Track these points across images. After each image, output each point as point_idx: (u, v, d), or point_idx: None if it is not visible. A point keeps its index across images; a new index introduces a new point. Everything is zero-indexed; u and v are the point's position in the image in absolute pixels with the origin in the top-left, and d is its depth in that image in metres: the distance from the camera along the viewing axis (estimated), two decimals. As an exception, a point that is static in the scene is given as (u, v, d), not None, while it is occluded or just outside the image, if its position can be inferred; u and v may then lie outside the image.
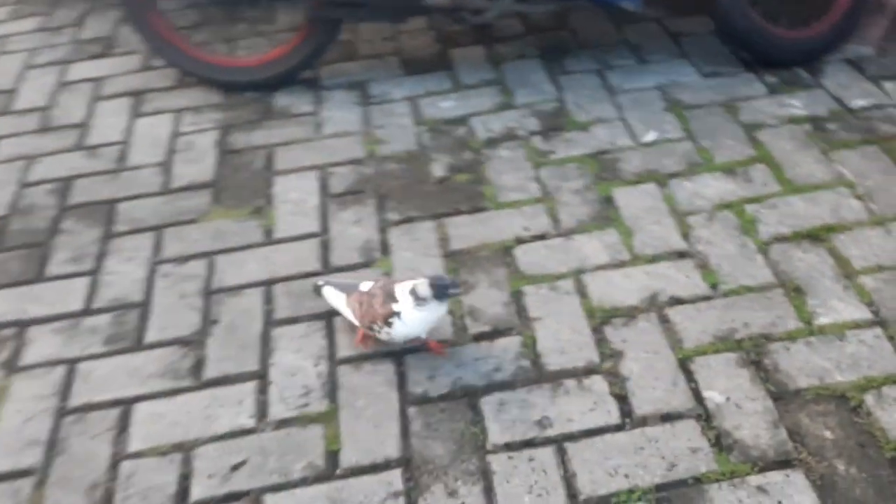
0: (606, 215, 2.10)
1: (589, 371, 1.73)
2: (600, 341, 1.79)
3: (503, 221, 2.11)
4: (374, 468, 1.59)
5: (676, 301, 1.86)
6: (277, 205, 2.23)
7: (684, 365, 1.72)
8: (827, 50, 2.50)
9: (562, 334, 1.81)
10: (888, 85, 2.40)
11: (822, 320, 1.78)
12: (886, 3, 2.69)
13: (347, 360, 1.80)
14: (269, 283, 2.00)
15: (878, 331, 1.74)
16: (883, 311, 1.78)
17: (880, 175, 2.11)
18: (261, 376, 1.78)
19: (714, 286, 1.88)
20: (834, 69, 2.48)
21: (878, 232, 1.96)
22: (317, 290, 1.86)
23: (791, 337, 1.75)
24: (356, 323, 1.77)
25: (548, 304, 1.88)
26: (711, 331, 1.78)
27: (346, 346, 1.82)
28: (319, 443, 1.64)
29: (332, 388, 1.74)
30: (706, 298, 1.86)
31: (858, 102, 2.35)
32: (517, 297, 1.91)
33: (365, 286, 1.78)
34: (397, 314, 1.68)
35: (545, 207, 2.14)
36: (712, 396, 1.66)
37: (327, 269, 2.02)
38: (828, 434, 1.57)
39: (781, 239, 1.97)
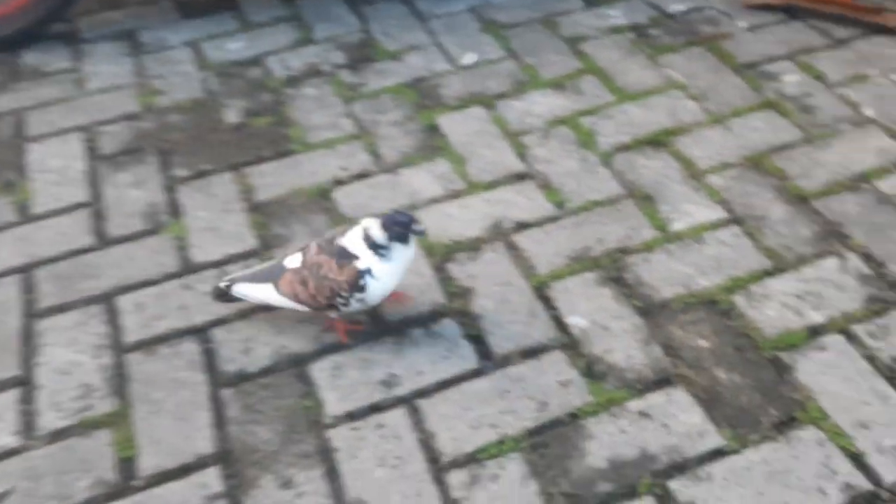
0: (433, 144, 1.85)
1: (436, 315, 1.47)
2: (445, 280, 1.53)
3: (316, 164, 1.81)
4: (183, 471, 1.25)
5: (522, 226, 1.64)
6: (33, 176, 1.80)
7: (541, 292, 1.51)
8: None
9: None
10: (702, -10, 2.31)
11: (678, 225, 1.62)
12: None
13: (137, 346, 1.43)
14: (28, 269, 1.58)
15: (736, 228, 1.61)
16: (736, 208, 1.65)
17: (710, 74, 2.00)
18: (24, 382, 1.38)
19: (560, 205, 1.68)
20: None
21: (717, 130, 1.84)
22: (221, 295, 1.42)
23: (648, 247, 1.58)
24: (306, 308, 1.39)
25: (378, 248, 1.60)
26: (565, 252, 1.58)
27: (134, 329, 1.45)
28: (108, 451, 1.28)
29: (119, 383, 1.37)
30: (554, 219, 1.65)
31: (677, 7, 2.24)
32: (342, 244, 1.61)
33: (292, 261, 1.38)
34: (366, 272, 1.32)
35: (363, 144, 1.86)
36: (576, 322, 1.45)
37: (104, 241, 1.63)
38: (703, 343, 1.41)
39: (622, 148, 1.80)
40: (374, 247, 1.32)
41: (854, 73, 1.95)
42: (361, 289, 1.33)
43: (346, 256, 1.33)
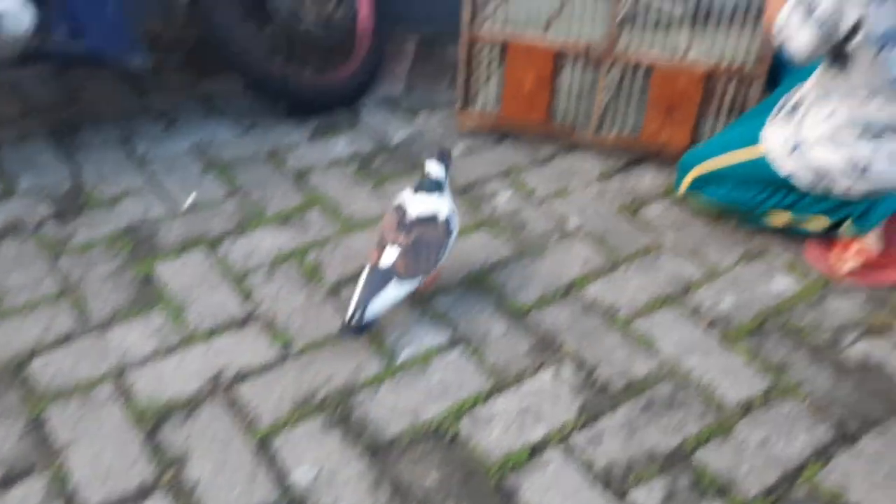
0: (149, 296, 1.74)
1: (144, 492, 1.33)
2: (156, 449, 1.41)
3: (10, 332, 1.63)
4: None
5: (244, 375, 1.56)
6: None
7: (264, 447, 1.42)
8: (358, 91, 2.47)
9: (104, 455, 1.39)
10: (420, 117, 2.42)
11: (405, 354, 1.62)
12: (407, 45, 2.78)
13: None
14: None
15: (461, 349, 1.63)
16: (460, 327, 1.68)
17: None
18: None
19: (286, 345, 1.63)
20: (371, 110, 2.45)
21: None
22: (359, 329, 1.56)
23: (377, 381, 1.56)
24: (420, 281, 1.62)
25: (81, 423, 1.45)
26: (290, 398, 1.52)
27: None
28: None
29: None
30: (279, 363, 1.59)
31: (398, 137, 2.33)
32: (37, 424, 1.44)
33: (389, 255, 1.59)
34: (449, 212, 1.66)
35: (69, 302, 1.71)
36: (302, 475, 1.38)
37: None
38: (431, 478, 1.39)
39: (349, 279, 1.80)
40: (436, 187, 1.65)
41: (558, 188, 2.11)
42: (451, 231, 1.65)
43: (426, 214, 1.62)
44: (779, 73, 1.98)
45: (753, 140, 1.79)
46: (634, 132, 2.18)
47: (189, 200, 2.03)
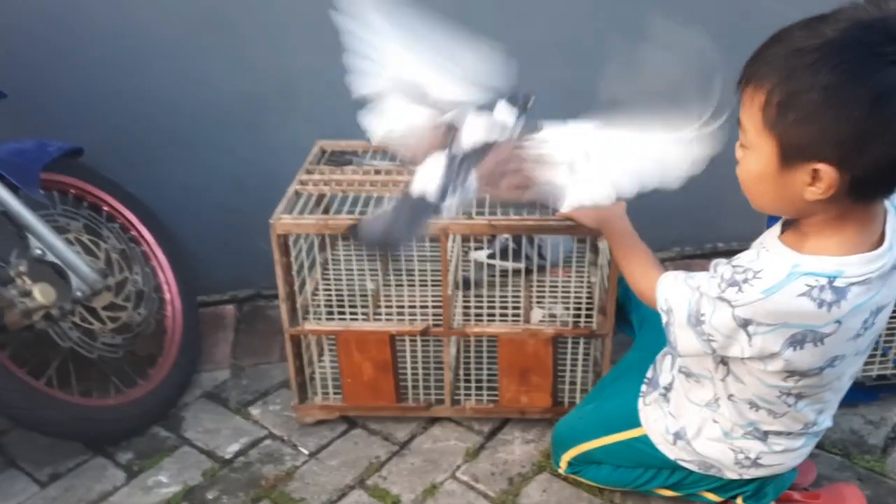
0: None
1: None
2: None
3: None
4: None
5: None
6: None
7: None
8: (174, 396, 2.16)
9: None
10: (254, 411, 2.14)
11: None
12: (225, 315, 2.51)
13: None
14: None
15: None
16: None
17: (282, 540, 1.77)
18: None
19: None
20: (195, 414, 2.14)
21: None
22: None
23: None
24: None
25: None
26: None
27: None
28: None
29: None
30: None
31: (232, 448, 2.02)
32: None
33: None
34: None
35: None
36: None
37: None
38: None
39: None
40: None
41: (424, 485, 1.87)
42: None
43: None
44: (627, 302, 1.88)
45: (632, 421, 1.65)
46: (492, 399, 2.00)
47: None
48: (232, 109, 2.30)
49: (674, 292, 1.38)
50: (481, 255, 1.93)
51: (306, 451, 1.99)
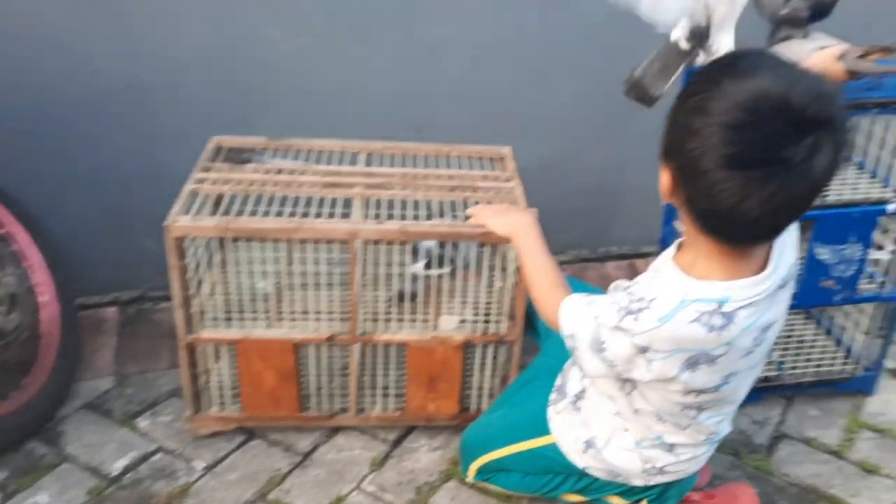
0: None
1: None
2: None
3: None
4: None
5: None
6: None
7: None
8: (52, 406, 2.00)
9: None
10: (142, 423, 2.01)
11: None
12: (107, 318, 2.35)
13: None
14: None
15: None
16: None
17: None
18: None
19: None
20: (76, 427, 1.98)
21: None
22: None
23: None
24: None
25: None
26: None
27: None
28: None
29: None
30: None
31: (119, 463, 1.89)
32: None
33: None
34: None
35: None
36: None
37: None
38: None
39: None
40: None
41: (329, 497, 1.81)
42: None
43: None
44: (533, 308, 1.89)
45: (541, 429, 1.65)
46: (399, 407, 1.97)
47: None
48: (116, 99, 2.14)
49: (576, 319, 1.40)
50: (419, 268, 1.88)
51: (201, 465, 1.89)
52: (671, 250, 1.36)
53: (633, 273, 2.61)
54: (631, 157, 2.44)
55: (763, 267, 1.28)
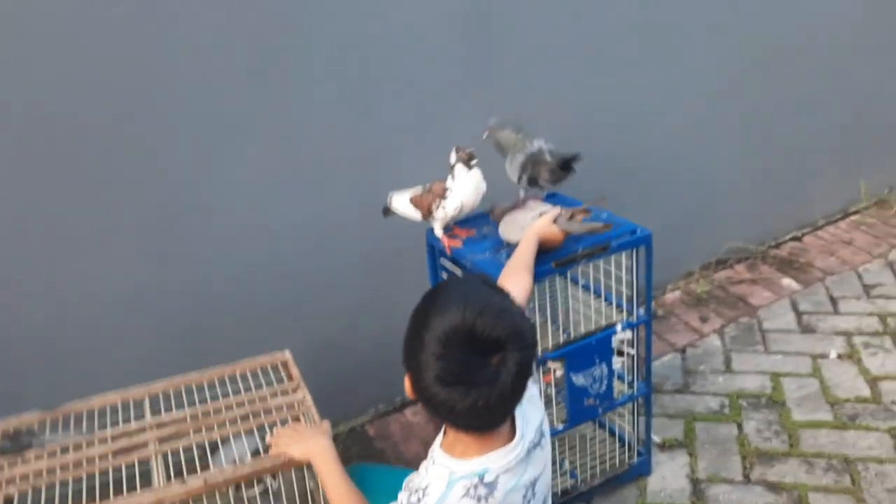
0: None
1: None
2: None
3: None
4: None
5: None
6: None
7: None
8: None
9: None
10: None
11: None
12: None
13: None
14: None
15: None
16: None
17: None
18: None
19: None
20: None
21: None
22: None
23: None
24: None
25: None
26: None
27: None
28: None
29: None
30: None
31: None
32: None
33: None
34: None
35: None
36: None
37: None
38: None
39: None
40: None
41: None
42: None
43: None
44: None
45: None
46: None
47: None
48: None
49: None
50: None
51: None
52: (440, 437, 1.57)
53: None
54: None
55: (511, 436, 1.52)
